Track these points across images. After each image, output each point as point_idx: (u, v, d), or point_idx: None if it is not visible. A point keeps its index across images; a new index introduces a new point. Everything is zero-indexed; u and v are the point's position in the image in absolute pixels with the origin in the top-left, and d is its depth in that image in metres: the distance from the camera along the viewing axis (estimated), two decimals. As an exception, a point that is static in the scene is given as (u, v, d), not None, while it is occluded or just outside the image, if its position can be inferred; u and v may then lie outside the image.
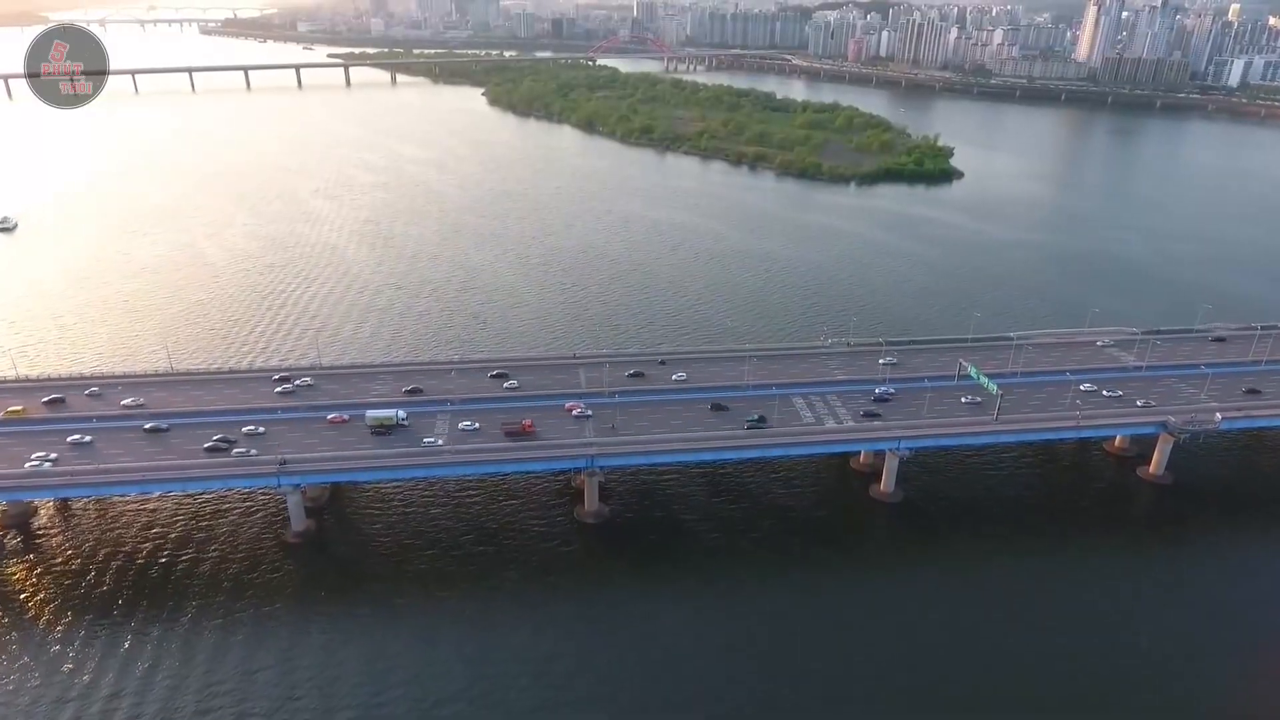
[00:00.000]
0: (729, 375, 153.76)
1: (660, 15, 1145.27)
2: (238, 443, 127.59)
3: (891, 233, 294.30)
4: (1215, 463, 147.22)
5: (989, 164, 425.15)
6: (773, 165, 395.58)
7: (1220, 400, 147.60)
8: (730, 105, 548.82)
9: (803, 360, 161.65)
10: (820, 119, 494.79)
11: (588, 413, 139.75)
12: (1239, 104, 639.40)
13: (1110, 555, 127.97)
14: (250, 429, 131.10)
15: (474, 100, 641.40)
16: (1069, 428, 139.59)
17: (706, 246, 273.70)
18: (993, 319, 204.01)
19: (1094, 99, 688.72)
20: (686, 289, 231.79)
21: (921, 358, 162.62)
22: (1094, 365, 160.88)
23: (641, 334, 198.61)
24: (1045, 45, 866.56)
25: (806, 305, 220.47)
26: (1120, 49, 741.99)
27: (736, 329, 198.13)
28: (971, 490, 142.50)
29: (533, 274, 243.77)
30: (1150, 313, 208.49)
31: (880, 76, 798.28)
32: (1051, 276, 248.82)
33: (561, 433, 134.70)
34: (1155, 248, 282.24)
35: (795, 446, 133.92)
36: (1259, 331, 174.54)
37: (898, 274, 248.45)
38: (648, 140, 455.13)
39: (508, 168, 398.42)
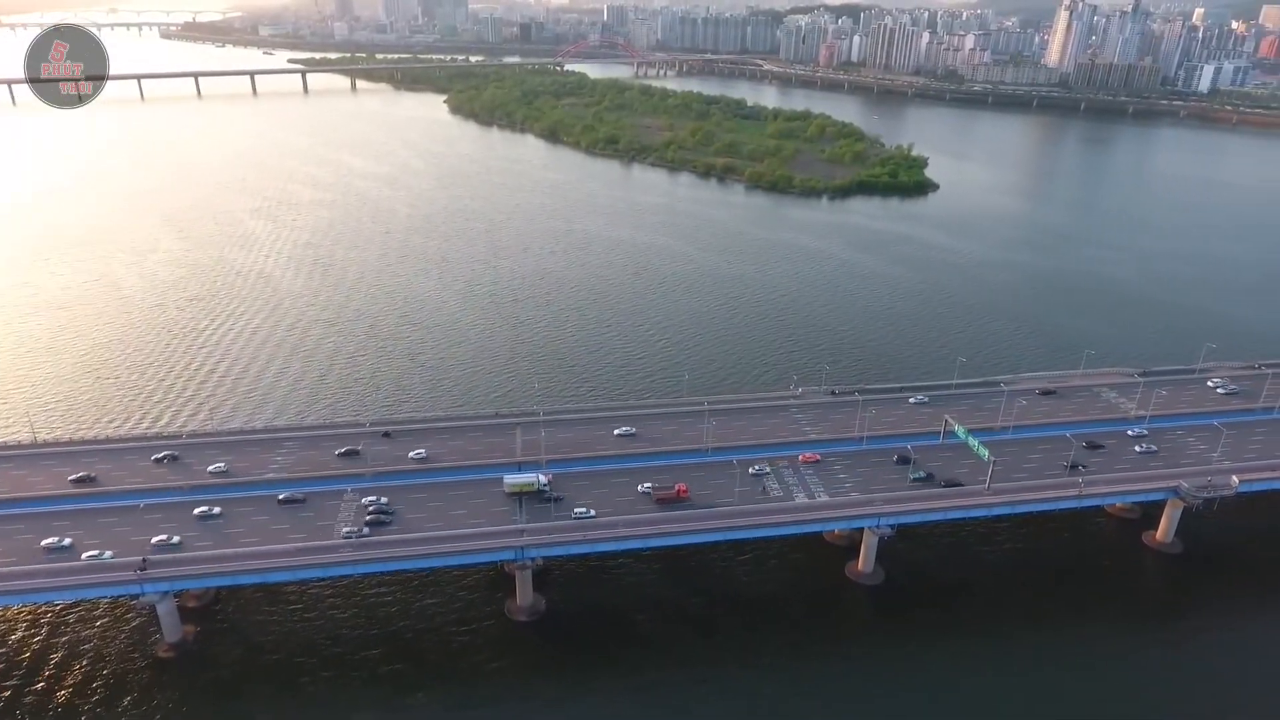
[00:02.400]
0: (687, 435, 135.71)
1: (631, 19, 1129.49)
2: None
3: (866, 253, 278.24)
4: (1228, 527, 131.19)
5: (964, 175, 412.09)
6: (742, 178, 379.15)
7: (1232, 455, 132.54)
8: (699, 113, 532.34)
9: (771, 415, 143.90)
10: (791, 128, 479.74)
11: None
12: (1210, 110, 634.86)
13: (1115, 638, 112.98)
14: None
15: (435, 108, 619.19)
16: (1069, 497, 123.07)
17: (671, 271, 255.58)
18: (978, 356, 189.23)
19: (1066, 105, 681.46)
20: (647, 321, 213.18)
21: (902, 411, 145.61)
22: (1092, 415, 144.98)
23: (594, 381, 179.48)
24: (1014, 50, 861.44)
25: (777, 340, 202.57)
26: (1092, 54, 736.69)
27: (699, 376, 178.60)
28: (959, 566, 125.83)
29: (479, 306, 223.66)
30: (1146, 346, 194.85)
31: (852, 82, 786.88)
32: (1037, 303, 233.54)
33: (489, 515, 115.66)
34: (1141, 269, 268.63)
35: (760, 529, 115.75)
36: (1261, 370, 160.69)
37: (874, 302, 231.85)
38: (613, 151, 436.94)
39: (464, 182, 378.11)
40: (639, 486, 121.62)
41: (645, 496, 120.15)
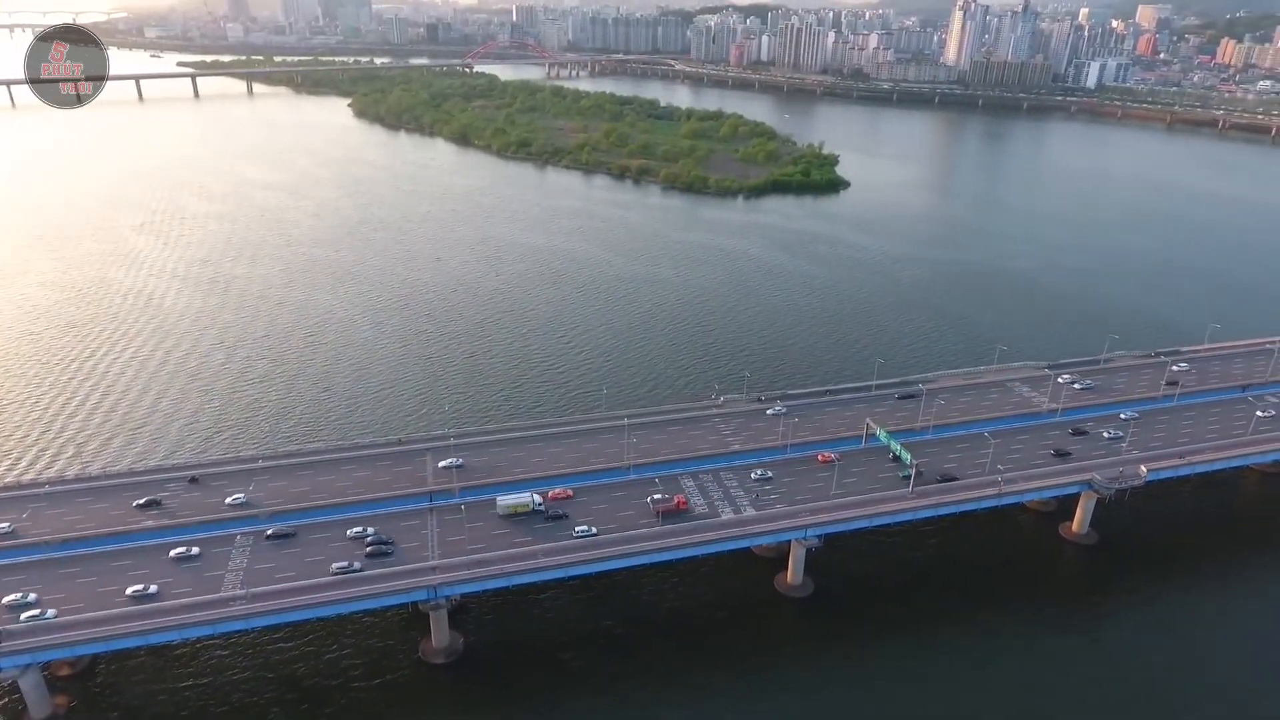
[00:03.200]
0: (607, 453, 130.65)
1: (541, 20, 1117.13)
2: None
3: (784, 252, 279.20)
4: (1139, 514, 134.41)
5: (874, 172, 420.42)
6: (658, 179, 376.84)
7: (1139, 443, 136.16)
8: (613, 114, 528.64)
9: (694, 426, 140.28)
10: (705, 128, 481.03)
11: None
12: (1098, 105, 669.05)
13: (1039, 633, 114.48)
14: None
15: (339, 112, 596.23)
16: (990, 496, 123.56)
17: (590, 278, 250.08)
18: (899, 354, 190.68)
19: (966, 101, 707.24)
20: (566, 332, 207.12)
21: (826, 415, 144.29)
22: (1008, 411, 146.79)
23: (511, 398, 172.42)
24: (916, 49, 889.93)
25: (699, 347, 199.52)
26: (987, 52, 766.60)
27: (620, 388, 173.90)
28: (887, 571, 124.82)
29: (389, 322, 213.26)
30: (1053, 338, 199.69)
31: (763, 81, 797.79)
32: (949, 298, 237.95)
33: (396, 554, 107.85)
34: (1044, 260, 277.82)
35: (685, 549, 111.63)
36: (1160, 358, 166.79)
37: (794, 302, 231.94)
38: (526, 154, 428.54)
39: (372, 190, 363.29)
40: (648, 499, 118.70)
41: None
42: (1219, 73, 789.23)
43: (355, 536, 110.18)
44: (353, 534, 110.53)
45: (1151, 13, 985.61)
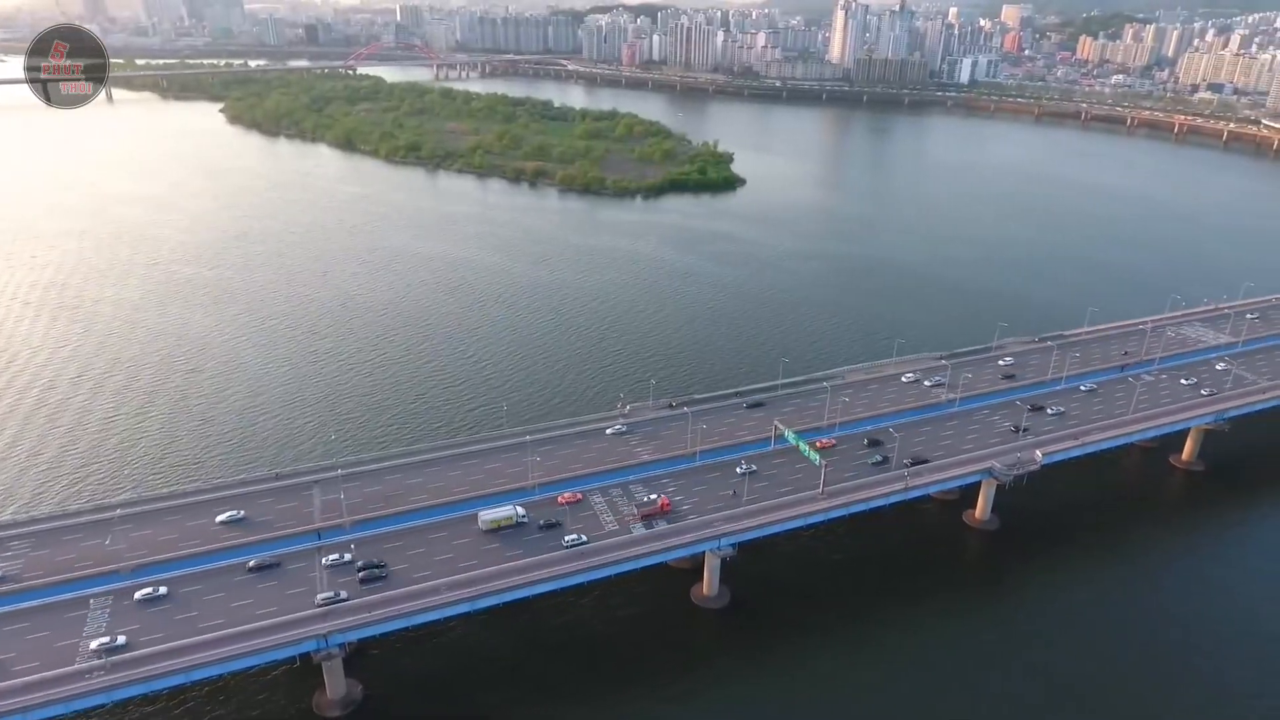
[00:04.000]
0: (510, 473, 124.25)
1: (427, 20, 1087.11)
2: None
3: (685, 252, 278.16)
4: (1037, 498, 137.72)
5: (768, 169, 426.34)
6: (554, 181, 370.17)
7: (1033, 429, 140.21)
8: (506, 116, 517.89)
9: (599, 438, 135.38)
10: (600, 128, 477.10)
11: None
12: (973, 100, 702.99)
13: (948, 623, 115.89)
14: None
15: (211, 118, 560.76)
16: (898, 491, 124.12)
17: (488, 286, 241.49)
18: (802, 352, 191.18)
19: (851, 98, 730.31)
20: (464, 345, 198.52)
21: (734, 418, 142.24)
22: (909, 405, 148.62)
23: (408, 419, 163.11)
24: (802, 47, 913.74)
25: (602, 353, 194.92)
26: (869, 50, 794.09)
27: (522, 402, 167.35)
28: (802, 573, 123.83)
29: (274, 344, 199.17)
30: (948, 328, 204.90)
31: (656, 80, 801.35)
32: (847, 292, 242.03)
33: (280, 602, 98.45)
34: (933, 251, 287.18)
35: (595, 570, 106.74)
36: (1046, 343, 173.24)
37: (697, 303, 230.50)
38: (416, 158, 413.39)
39: (249, 201, 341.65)
40: (633, 505, 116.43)
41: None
42: (1079, 68, 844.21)
43: (257, 567, 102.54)
44: (252, 566, 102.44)
45: (1015, 12, 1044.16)
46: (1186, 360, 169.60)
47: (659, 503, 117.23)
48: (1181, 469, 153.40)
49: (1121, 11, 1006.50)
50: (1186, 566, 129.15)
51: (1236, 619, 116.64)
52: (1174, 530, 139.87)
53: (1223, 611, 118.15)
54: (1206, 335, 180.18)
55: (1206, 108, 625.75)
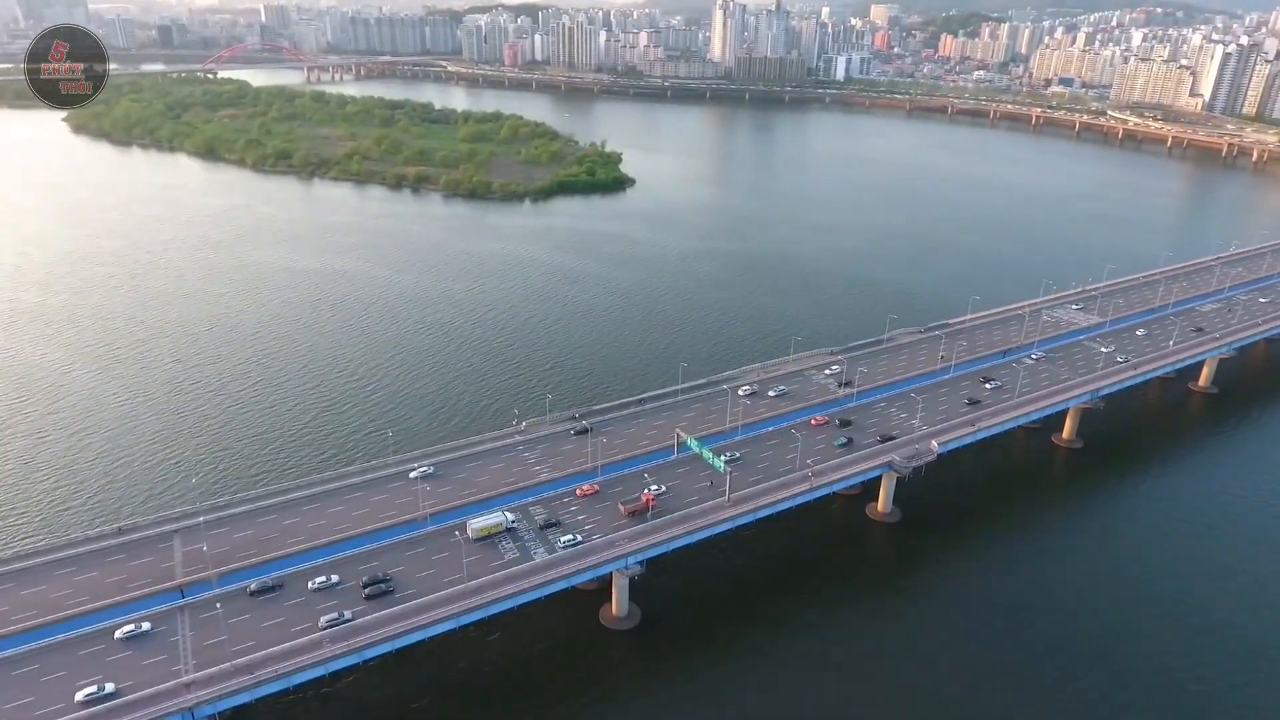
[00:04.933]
0: (399, 504, 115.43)
1: (294, 20, 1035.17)
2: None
3: (575, 255, 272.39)
4: (935, 487, 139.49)
5: (657, 168, 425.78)
6: (438, 186, 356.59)
7: (932, 417, 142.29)
8: (384, 120, 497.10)
9: (494, 459, 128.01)
10: (484, 130, 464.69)
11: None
12: (849, 96, 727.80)
13: (856, 621, 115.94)
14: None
15: (52, 128, 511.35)
16: (804, 491, 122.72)
17: (370, 300, 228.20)
18: (700, 354, 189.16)
19: (734, 96, 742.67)
20: (343, 368, 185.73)
21: (635, 427, 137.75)
22: (810, 401, 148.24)
23: (284, 453, 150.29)
24: (684, 47, 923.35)
25: (495, 367, 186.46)
26: (748, 49, 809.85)
27: (410, 425, 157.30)
28: (712, 584, 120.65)
29: (125, 378, 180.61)
30: (840, 322, 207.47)
31: (540, 81, 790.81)
32: (742, 291, 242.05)
33: (135, 670, 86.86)
34: (821, 245, 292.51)
35: (496, 604, 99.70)
36: (933, 333, 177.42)
37: (592, 308, 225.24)
38: (287, 167, 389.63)
39: (99, 218, 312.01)
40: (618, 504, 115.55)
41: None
42: (943, 64, 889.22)
43: (127, 636, 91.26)
44: (121, 635, 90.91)
45: (883, 11, 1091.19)
46: (1062, 342, 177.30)
47: (644, 499, 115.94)
48: (1063, 447, 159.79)
49: (978, 11, 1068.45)
50: (1073, 544, 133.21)
51: (1122, 592, 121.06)
52: (1061, 508, 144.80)
53: (1110, 585, 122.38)
54: (1078, 317, 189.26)
55: (1059, 101, 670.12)
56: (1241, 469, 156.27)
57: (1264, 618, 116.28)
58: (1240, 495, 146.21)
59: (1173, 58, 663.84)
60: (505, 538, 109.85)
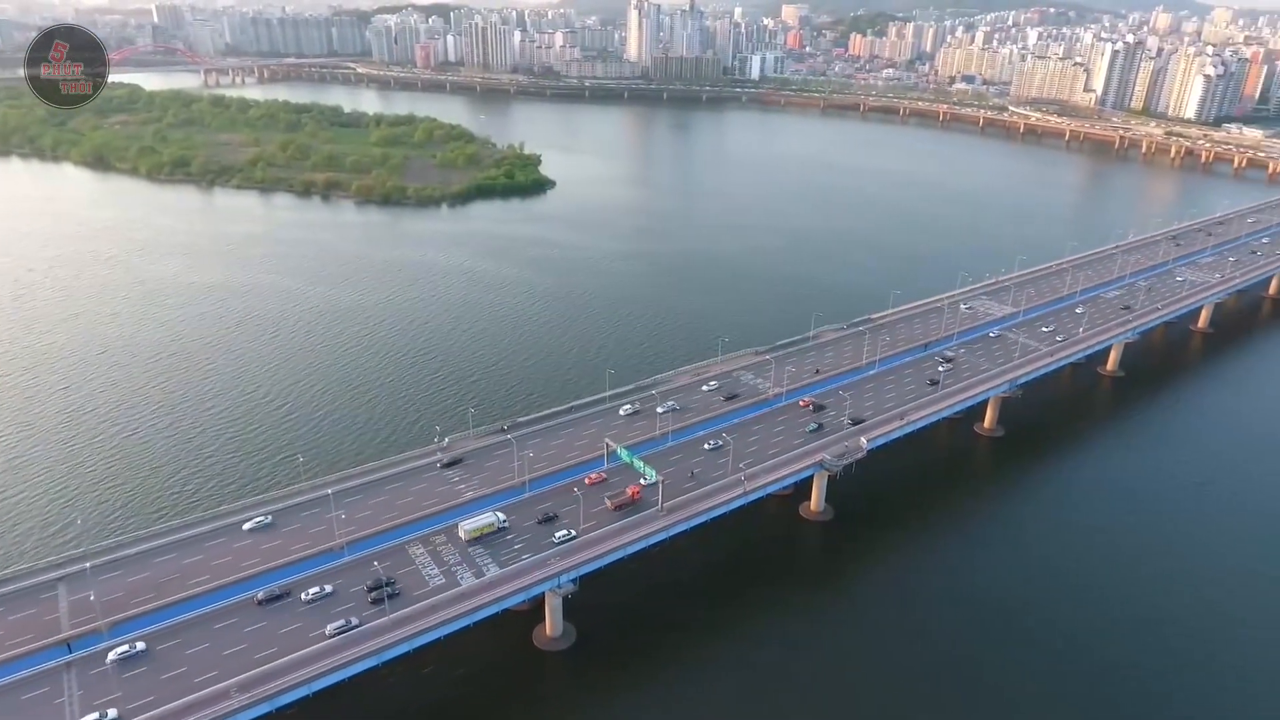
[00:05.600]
0: (313, 534, 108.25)
1: (189, 20, 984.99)
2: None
3: (497, 260, 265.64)
4: (866, 483, 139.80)
5: (577, 169, 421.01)
6: (350, 193, 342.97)
7: (859, 413, 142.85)
8: (290, 124, 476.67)
9: (416, 479, 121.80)
10: (397, 134, 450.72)
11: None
12: (765, 95, 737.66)
13: (786, 619, 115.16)
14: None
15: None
16: (737, 497, 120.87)
17: (280, 316, 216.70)
18: (627, 359, 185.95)
19: (652, 95, 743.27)
20: (250, 389, 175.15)
21: (563, 439, 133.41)
22: (739, 404, 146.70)
23: (184, 484, 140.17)
24: (600, 47, 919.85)
25: (414, 381, 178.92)
26: (664, 48, 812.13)
27: (319, 452, 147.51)
28: (647, 597, 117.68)
29: (9, 405, 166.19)
30: (766, 321, 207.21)
31: (454, 82, 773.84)
32: (667, 292, 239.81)
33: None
34: (744, 243, 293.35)
35: (423, 635, 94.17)
36: (858, 328, 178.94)
37: (514, 315, 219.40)
38: (185, 175, 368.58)
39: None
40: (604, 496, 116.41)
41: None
42: (853, 63, 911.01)
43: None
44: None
45: (794, 11, 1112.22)
46: (979, 333, 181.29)
47: (630, 492, 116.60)
48: (985, 436, 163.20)
49: (885, 11, 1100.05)
50: (998, 532, 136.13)
51: (1048, 578, 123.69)
52: (985, 497, 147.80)
53: (1036, 572, 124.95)
54: (993, 308, 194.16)
55: (963, 97, 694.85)
56: (1151, 447, 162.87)
57: (1177, 598, 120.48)
58: (1151, 471, 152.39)
59: (1067, 55, 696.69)
60: (428, 561, 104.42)
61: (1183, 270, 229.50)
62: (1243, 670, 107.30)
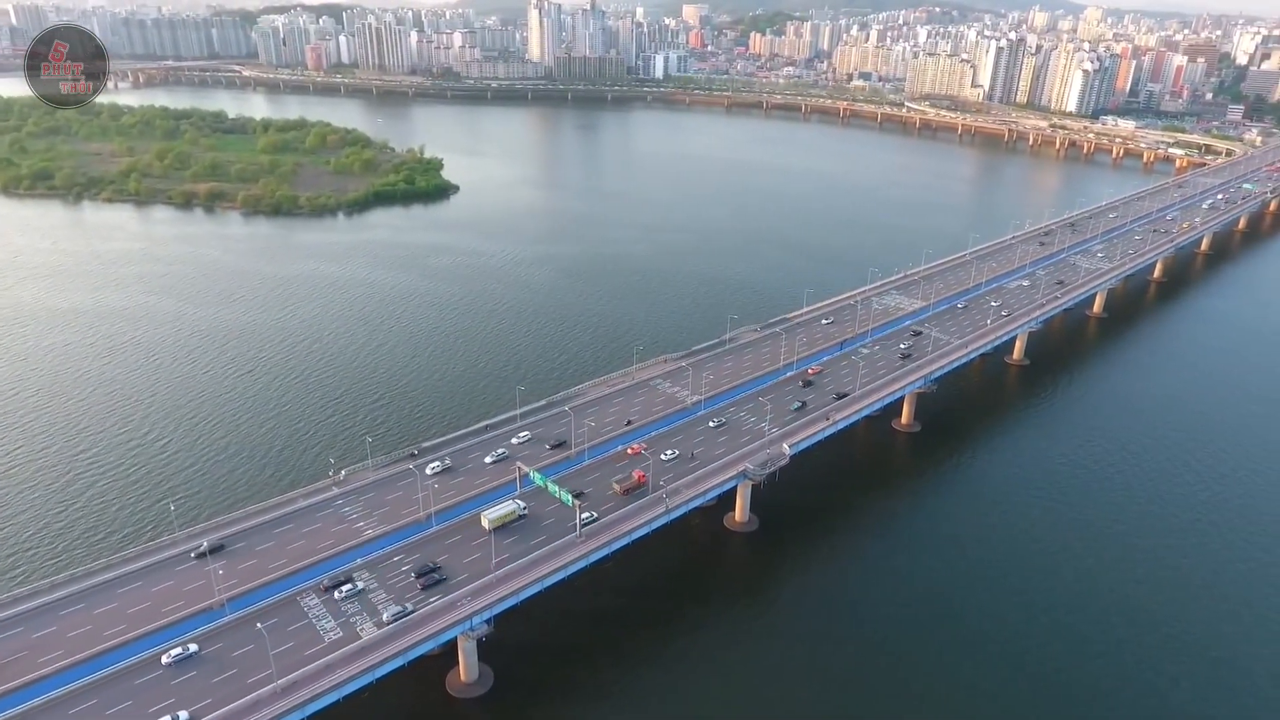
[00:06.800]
0: (189, 592, 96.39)
1: (53, 20, 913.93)
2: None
3: (398, 271, 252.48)
4: (791, 489, 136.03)
5: (482, 172, 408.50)
6: (236, 204, 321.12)
7: (776, 421, 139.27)
8: (168, 131, 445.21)
9: (309, 519, 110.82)
10: (287, 139, 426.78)
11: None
12: (669, 94, 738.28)
13: (714, 639, 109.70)
14: None
15: None
16: (660, 516, 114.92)
17: (158, 339, 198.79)
18: (539, 372, 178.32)
19: (556, 96, 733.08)
20: (118, 427, 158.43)
21: (471, 464, 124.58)
22: (657, 414, 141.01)
23: (36, 543, 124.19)
24: (502, 47, 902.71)
25: (307, 411, 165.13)
26: (567, 48, 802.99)
27: (194, 497, 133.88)
28: (569, 628, 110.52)
29: None
30: (681, 325, 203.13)
31: (349, 85, 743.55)
32: (579, 298, 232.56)
33: None
34: (653, 244, 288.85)
35: (324, 696, 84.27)
36: (774, 329, 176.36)
37: (417, 329, 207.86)
38: (48, 189, 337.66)
39: None
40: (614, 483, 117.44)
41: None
42: (755, 61, 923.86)
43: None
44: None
45: (695, 11, 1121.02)
46: (892, 329, 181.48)
47: (635, 476, 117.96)
48: (903, 432, 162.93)
49: (782, 10, 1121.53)
50: (921, 529, 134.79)
51: (971, 575, 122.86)
52: (907, 495, 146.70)
53: (959, 570, 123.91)
54: (904, 302, 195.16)
55: (861, 94, 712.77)
56: (1059, 434, 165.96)
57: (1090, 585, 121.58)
58: (1060, 458, 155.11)
59: (955, 53, 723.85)
60: (323, 613, 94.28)
61: (1077, 258, 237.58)
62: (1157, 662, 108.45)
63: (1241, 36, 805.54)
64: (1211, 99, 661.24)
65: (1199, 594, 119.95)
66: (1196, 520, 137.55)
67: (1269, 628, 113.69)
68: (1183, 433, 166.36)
